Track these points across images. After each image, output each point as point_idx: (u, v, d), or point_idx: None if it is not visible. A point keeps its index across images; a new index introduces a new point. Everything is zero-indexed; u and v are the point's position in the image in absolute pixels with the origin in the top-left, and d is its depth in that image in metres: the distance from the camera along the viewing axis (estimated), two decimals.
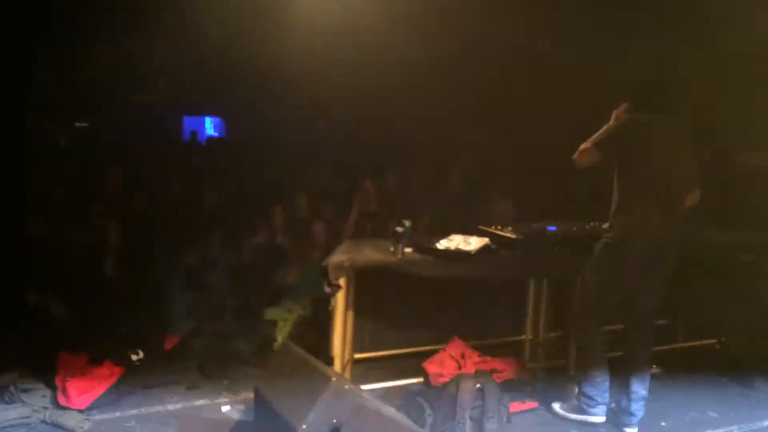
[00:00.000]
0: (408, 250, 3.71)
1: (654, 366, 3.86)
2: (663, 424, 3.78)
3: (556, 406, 3.86)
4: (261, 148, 9.47)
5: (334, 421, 2.67)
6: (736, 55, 5.10)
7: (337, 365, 3.59)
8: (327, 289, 3.53)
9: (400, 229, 3.70)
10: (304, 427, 2.63)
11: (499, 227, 4.10)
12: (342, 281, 3.51)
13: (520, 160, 6.84)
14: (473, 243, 3.79)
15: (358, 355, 3.88)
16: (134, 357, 4.22)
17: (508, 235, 3.91)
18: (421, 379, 3.80)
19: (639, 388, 3.63)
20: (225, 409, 3.81)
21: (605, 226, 3.68)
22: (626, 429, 3.65)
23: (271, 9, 6.84)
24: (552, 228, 4.04)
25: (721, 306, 4.56)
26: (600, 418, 3.69)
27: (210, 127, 14.56)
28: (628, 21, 5.61)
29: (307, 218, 5.60)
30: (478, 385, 3.45)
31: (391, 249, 3.69)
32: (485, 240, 3.86)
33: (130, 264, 4.88)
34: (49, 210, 5.50)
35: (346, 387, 2.82)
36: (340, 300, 3.58)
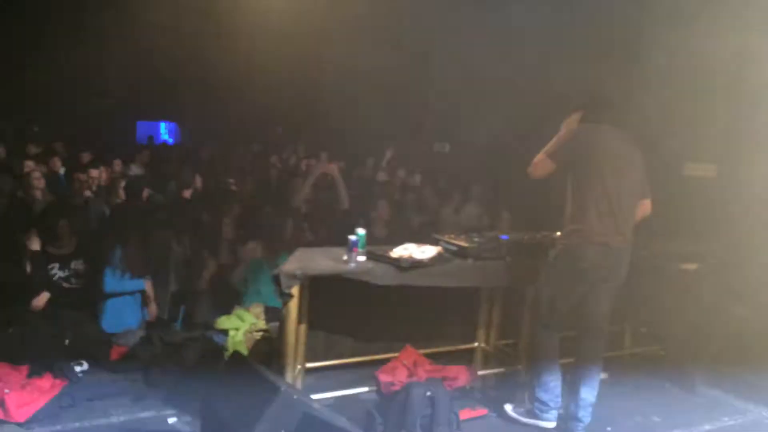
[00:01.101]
0: (361, 258, 3.70)
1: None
2: (609, 429, 3.85)
3: (509, 408, 3.89)
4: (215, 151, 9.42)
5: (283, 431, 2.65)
6: (674, 72, 5.31)
7: (289, 374, 3.55)
8: (279, 298, 3.49)
9: (353, 237, 3.69)
10: None
11: (452, 236, 4.14)
12: (294, 290, 3.47)
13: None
14: (427, 251, 3.81)
15: (310, 364, 3.85)
16: (78, 368, 4.09)
17: (462, 243, 3.95)
18: (374, 388, 3.78)
19: (587, 394, 3.70)
20: (171, 420, 3.71)
21: (558, 234, 3.75)
22: None
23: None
24: (504, 237, 4.10)
25: (665, 313, 4.69)
26: (551, 424, 3.75)
27: (165, 132, 14.29)
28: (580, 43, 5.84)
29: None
30: (428, 393, 3.46)
31: (345, 257, 3.68)
32: (439, 248, 3.89)
33: (77, 271, 4.74)
34: None
35: (295, 397, 2.79)
36: (292, 308, 3.54)
